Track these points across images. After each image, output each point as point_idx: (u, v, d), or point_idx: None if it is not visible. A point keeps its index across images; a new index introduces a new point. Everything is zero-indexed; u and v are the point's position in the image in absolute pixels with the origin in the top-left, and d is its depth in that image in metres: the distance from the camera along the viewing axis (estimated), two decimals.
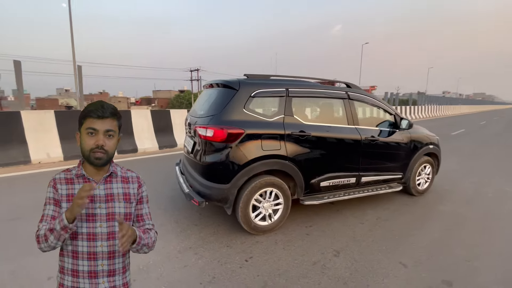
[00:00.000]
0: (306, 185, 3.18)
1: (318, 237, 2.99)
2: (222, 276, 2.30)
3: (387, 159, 3.79)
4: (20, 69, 5.57)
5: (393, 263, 2.54)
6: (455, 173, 5.76)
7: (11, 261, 2.40)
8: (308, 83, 3.35)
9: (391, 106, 3.98)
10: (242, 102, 2.83)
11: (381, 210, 3.74)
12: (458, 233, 3.14)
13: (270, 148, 2.87)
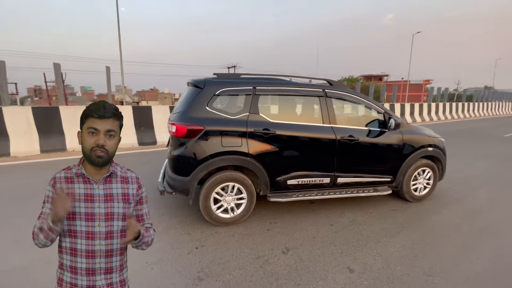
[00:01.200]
0: (272, 183, 3.22)
1: (277, 234, 3.02)
2: (167, 259, 2.53)
3: (371, 161, 3.58)
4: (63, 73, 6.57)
5: (339, 267, 2.48)
6: (475, 179, 5.10)
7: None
8: (280, 81, 3.34)
9: (380, 105, 3.72)
10: (205, 100, 3.00)
11: (361, 214, 3.57)
12: (437, 245, 2.87)
13: (230, 145, 2.99)
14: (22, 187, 4.17)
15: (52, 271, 1.28)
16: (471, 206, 3.87)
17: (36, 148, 6.27)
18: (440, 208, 3.80)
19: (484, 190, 4.54)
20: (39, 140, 6.33)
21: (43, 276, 2.23)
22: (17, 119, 6.10)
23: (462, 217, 3.54)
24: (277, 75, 3.49)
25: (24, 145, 6.16)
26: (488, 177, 5.23)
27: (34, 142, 6.29)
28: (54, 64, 6.59)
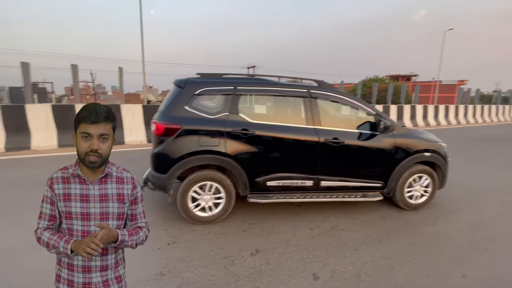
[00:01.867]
0: (251, 183, 3.20)
1: (252, 235, 3.00)
2: (137, 253, 2.57)
3: (358, 165, 3.42)
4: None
5: (305, 273, 2.40)
6: (488, 190, 4.67)
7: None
8: (262, 81, 3.31)
9: (371, 106, 3.54)
10: (185, 99, 3.05)
11: (346, 219, 3.42)
12: (420, 258, 2.67)
13: (207, 144, 3.01)
14: (38, 176, 4.53)
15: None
16: (474, 218, 3.56)
17: (54, 142, 6.78)
18: (437, 218, 3.54)
19: (495, 202, 4.14)
20: (57, 136, 6.84)
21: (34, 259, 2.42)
22: (37, 116, 6.63)
23: (459, 229, 3.27)
24: (264, 75, 3.46)
25: (43, 140, 6.68)
26: (503, 189, 4.76)
27: (53, 137, 6.80)
28: (71, 65, 7.08)
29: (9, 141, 6.35)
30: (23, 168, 5.11)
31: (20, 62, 6.43)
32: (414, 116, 13.39)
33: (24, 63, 6.48)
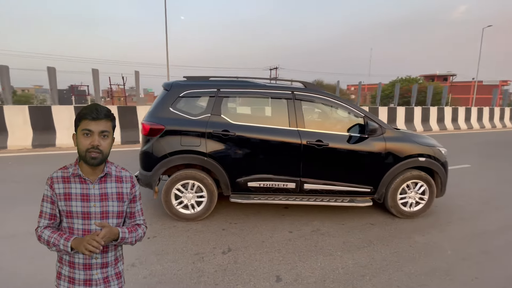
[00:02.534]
0: (232, 183, 3.25)
1: (230, 234, 3.05)
2: None
3: (343, 168, 3.32)
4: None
5: (269, 274, 2.40)
6: (500, 200, 4.26)
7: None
8: (246, 83, 3.35)
9: (360, 108, 3.42)
10: (170, 101, 3.19)
11: (331, 224, 3.34)
12: (398, 268, 2.54)
13: (189, 144, 3.12)
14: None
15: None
16: (475, 230, 3.28)
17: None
18: (431, 228, 3.31)
19: (503, 213, 3.77)
20: None
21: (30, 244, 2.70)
22: (62, 116, 7.27)
23: (453, 240, 3.04)
24: (250, 77, 3.51)
25: (66, 138, 7.31)
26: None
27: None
28: (92, 69, 7.66)
29: (35, 139, 7.05)
30: (47, 163, 5.65)
31: (46, 66, 7.11)
32: (443, 119, 12.52)
33: (50, 68, 7.14)
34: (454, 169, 5.93)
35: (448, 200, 4.15)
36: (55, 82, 7.30)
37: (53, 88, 7.26)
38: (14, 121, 6.93)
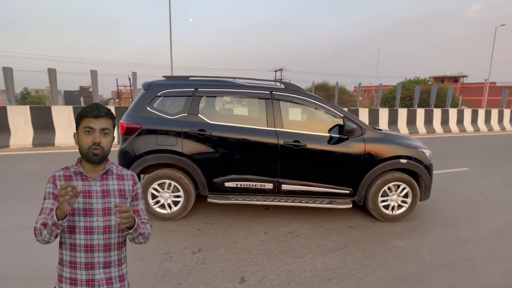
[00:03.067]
0: (209, 184, 3.24)
1: (204, 234, 3.03)
2: None
3: (321, 169, 3.26)
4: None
5: (234, 275, 2.37)
6: (495, 205, 4.09)
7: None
8: (224, 82, 3.34)
9: (340, 109, 3.35)
10: (147, 101, 3.21)
11: (309, 226, 3.28)
12: (368, 273, 2.47)
13: (164, 144, 3.13)
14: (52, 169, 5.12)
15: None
16: (458, 236, 3.16)
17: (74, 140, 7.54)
18: (412, 232, 3.21)
19: (497, 219, 3.61)
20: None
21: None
22: (61, 116, 7.44)
23: (434, 246, 2.93)
24: (229, 77, 3.50)
25: (65, 137, 7.47)
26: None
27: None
28: (91, 71, 7.81)
29: (36, 138, 7.23)
30: (45, 161, 5.79)
31: (47, 68, 7.30)
32: (447, 121, 12.19)
33: (51, 69, 7.33)
34: (450, 172, 5.76)
35: (436, 204, 4.02)
36: (55, 83, 7.49)
37: (53, 89, 7.45)
38: (17, 121, 7.14)
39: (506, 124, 13.62)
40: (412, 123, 11.46)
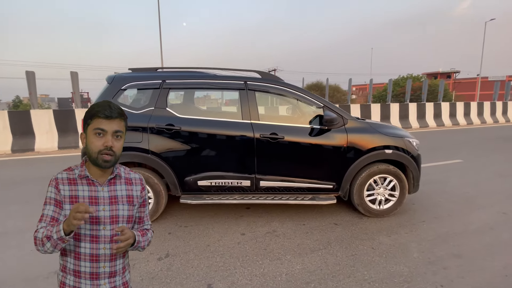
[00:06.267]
0: (181, 183, 3.00)
1: (174, 238, 2.79)
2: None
3: (302, 163, 3.04)
4: None
5: (200, 282, 2.13)
6: (488, 197, 3.90)
7: None
8: (194, 74, 3.11)
9: (320, 98, 3.14)
10: (111, 95, 2.97)
11: (290, 225, 3.05)
12: (346, 274, 2.24)
13: (129, 140, 2.88)
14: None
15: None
16: (449, 230, 2.94)
17: (55, 145, 7.26)
18: (400, 228, 2.99)
19: (491, 212, 3.40)
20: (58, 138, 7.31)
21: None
22: (41, 121, 7.16)
23: (423, 242, 2.71)
24: (201, 68, 3.27)
25: (45, 142, 7.18)
26: (509, 197, 3.94)
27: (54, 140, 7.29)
28: (71, 72, 7.55)
29: (15, 144, 6.94)
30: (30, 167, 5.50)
31: (25, 71, 7.02)
32: (439, 115, 12.07)
33: (29, 72, 7.06)
34: (443, 165, 5.57)
35: (427, 197, 3.82)
36: (34, 87, 7.21)
37: (32, 93, 7.17)
38: None
39: (499, 117, 13.52)
40: (405, 117, 11.31)
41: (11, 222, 3.13)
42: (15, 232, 2.90)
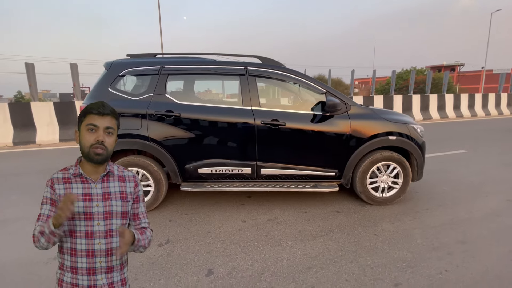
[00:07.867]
0: (181, 170, 2.97)
1: (175, 225, 2.77)
2: None
3: (304, 150, 2.99)
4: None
5: (201, 267, 2.11)
6: (495, 185, 3.84)
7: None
8: (194, 59, 3.05)
9: (322, 84, 3.07)
10: (109, 81, 2.92)
11: (292, 212, 3.01)
12: (349, 260, 2.21)
13: (128, 127, 2.85)
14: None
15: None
16: (454, 217, 2.89)
17: (56, 137, 7.25)
18: (404, 215, 2.95)
19: (496, 199, 3.34)
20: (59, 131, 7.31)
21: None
22: (41, 113, 7.13)
23: (427, 228, 2.67)
24: (201, 53, 3.20)
25: (46, 135, 7.18)
26: None
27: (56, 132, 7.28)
28: (70, 64, 7.49)
29: (16, 136, 6.93)
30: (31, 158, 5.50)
31: (24, 63, 6.97)
32: (443, 107, 11.92)
33: (29, 64, 7.01)
34: (447, 155, 5.50)
35: (431, 186, 3.77)
36: (34, 79, 7.16)
37: (32, 85, 7.13)
38: None
39: (504, 108, 13.33)
40: (408, 109, 11.18)
41: (11, 210, 3.12)
42: (15, 220, 2.89)
